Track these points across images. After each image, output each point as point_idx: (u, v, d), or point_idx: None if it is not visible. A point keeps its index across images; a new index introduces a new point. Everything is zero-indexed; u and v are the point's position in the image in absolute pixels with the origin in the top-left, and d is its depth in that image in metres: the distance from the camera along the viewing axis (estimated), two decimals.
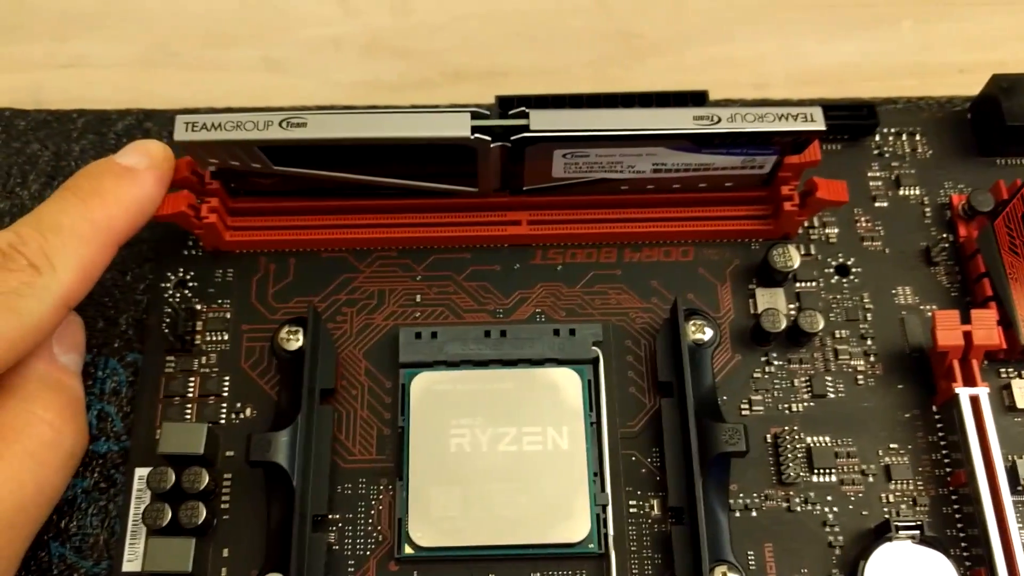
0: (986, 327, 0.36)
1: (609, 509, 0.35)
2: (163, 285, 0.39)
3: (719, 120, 0.35)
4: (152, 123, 0.42)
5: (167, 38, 0.45)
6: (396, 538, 0.35)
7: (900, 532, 0.34)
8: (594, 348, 0.37)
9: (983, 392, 0.35)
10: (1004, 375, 0.38)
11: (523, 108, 0.35)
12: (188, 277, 0.39)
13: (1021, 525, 0.35)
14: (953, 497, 0.36)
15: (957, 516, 0.35)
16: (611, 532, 0.35)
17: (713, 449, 0.34)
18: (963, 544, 0.35)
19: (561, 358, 0.37)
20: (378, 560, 0.35)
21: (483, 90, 0.43)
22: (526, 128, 0.35)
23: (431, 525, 0.35)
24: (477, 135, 0.35)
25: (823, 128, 0.35)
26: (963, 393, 0.35)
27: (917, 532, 0.34)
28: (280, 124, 0.34)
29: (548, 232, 0.39)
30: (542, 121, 0.35)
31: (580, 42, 0.39)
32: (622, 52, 0.37)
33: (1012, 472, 0.35)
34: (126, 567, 0.35)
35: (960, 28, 0.46)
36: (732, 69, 0.45)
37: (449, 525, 0.35)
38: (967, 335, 0.36)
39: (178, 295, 0.39)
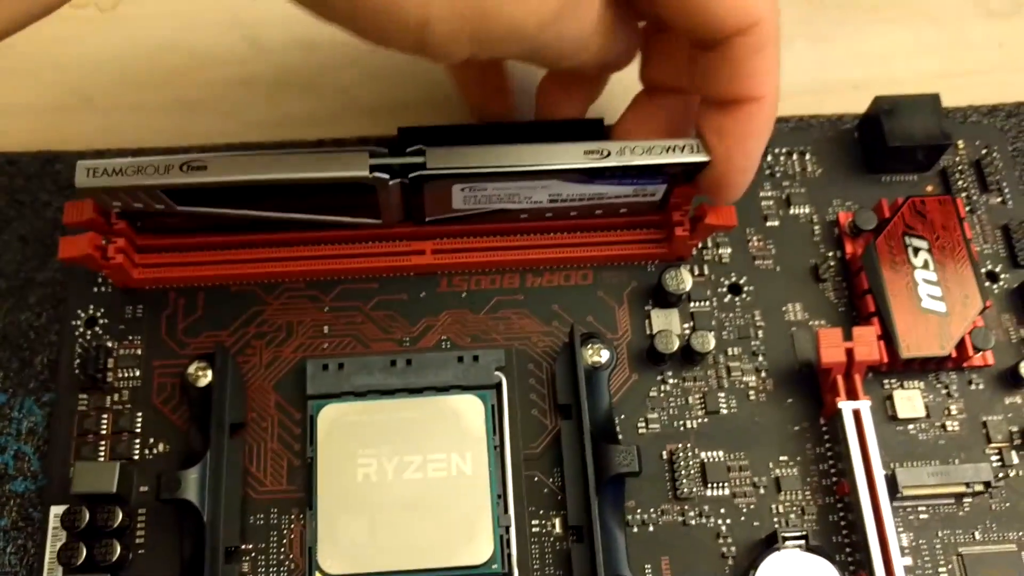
0: (867, 344, 0.37)
1: (512, 530, 0.36)
2: (74, 323, 0.40)
3: (609, 154, 0.36)
4: (61, 164, 0.43)
5: (80, 83, 0.45)
6: (307, 566, 0.36)
7: (787, 541, 0.36)
8: (497, 373, 0.39)
9: (864, 405, 0.37)
10: (887, 386, 0.40)
11: (420, 146, 0.36)
12: (98, 315, 0.40)
13: (902, 529, 0.37)
14: (839, 505, 0.38)
15: (842, 523, 0.37)
16: (514, 552, 0.36)
17: (608, 470, 0.36)
18: (848, 549, 0.37)
19: (465, 384, 0.38)
20: None
21: (390, 122, 0.44)
22: (423, 166, 0.36)
23: (340, 553, 0.36)
24: (375, 174, 0.36)
25: (708, 159, 0.36)
26: (846, 407, 0.37)
27: (803, 540, 0.36)
28: (180, 168, 0.35)
29: (452, 260, 0.41)
30: (438, 159, 0.36)
31: None
32: (526, 80, 0.39)
33: (891, 480, 0.37)
34: None
35: (852, 46, 0.48)
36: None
37: (358, 552, 0.36)
38: (849, 352, 0.37)
39: (89, 333, 0.40)
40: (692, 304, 0.41)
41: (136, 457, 0.38)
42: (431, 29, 0.30)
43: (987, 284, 0.41)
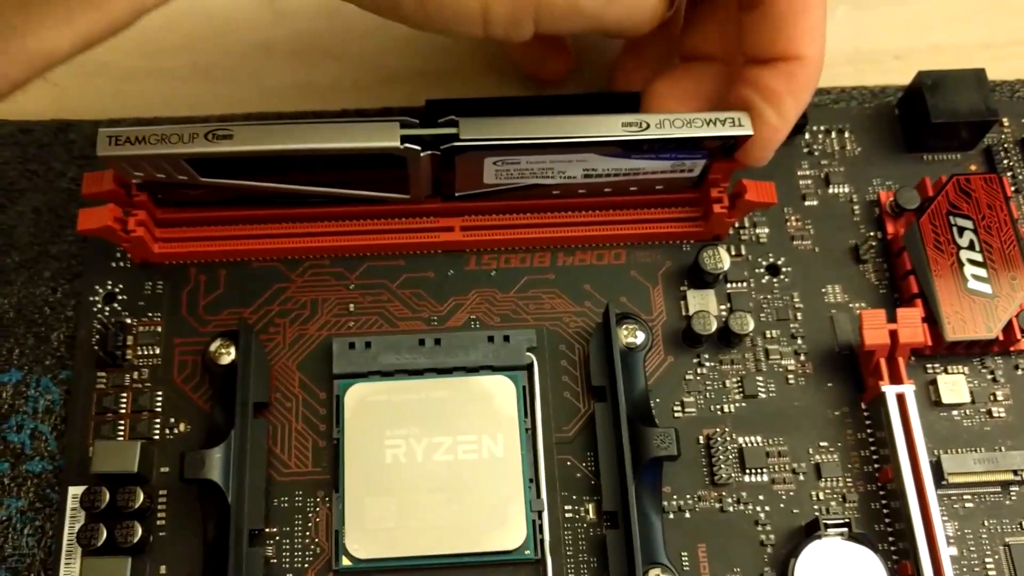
0: (911, 325, 0.36)
1: (545, 515, 0.35)
2: (92, 299, 0.38)
3: (647, 126, 0.35)
4: (74, 134, 0.42)
5: (94, 49, 0.44)
6: (334, 550, 0.35)
7: (829, 529, 0.35)
8: (528, 354, 0.38)
9: (909, 389, 0.36)
10: (931, 371, 0.38)
11: (452, 116, 0.35)
12: (117, 290, 0.39)
13: (947, 518, 0.36)
14: (881, 493, 0.36)
15: (885, 511, 0.36)
16: (547, 538, 0.35)
17: (645, 453, 0.35)
18: (890, 538, 0.36)
19: (496, 365, 0.37)
20: (316, 572, 0.35)
21: (414, 92, 0.43)
22: (456, 137, 0.35)
23: (368, 536, 0.35)
24: (407, 145, 0.34)
25: (751, 133, 0.35)
26: (889, 391, 0.36)
27: (845, 529, 0.35)
28: (205, 136, 0.34)
29: (481, 238, 0.39)
30: (472, 130, 0.35)
31: None
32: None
33: (936, 467, 0.36)
34: None
35: (894, 14, 0.47)
36: None
37: (386, 536, 0.35)
38: (893, 334, 0.36)
39: (108, 309, 0.38)
40: (729, 285, 0.39)
41: (156, 437, 0.37)
42: (491, 16, 0.32)
43: None
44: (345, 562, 0.35)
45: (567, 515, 0.36)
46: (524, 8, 0.32)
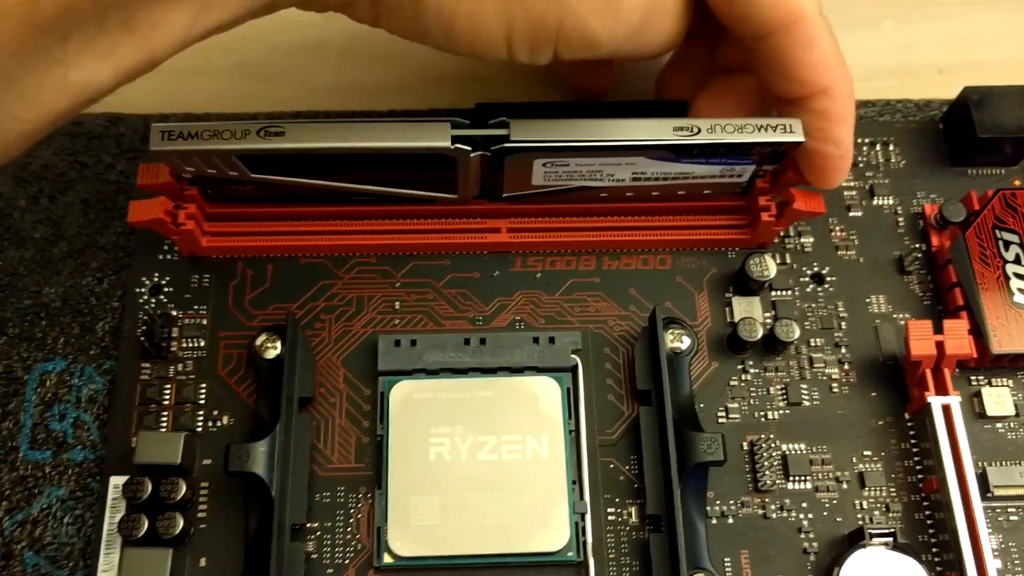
0: (958, 337, 0.36)
1: (588, 517, 0.35)
2: (138, 291, 0.39)
3: (699, 131, 0.35)
4: (124, 127, 0.42)
5: None
6: (375, 547, 0.35)
7: (874, 538, 0.35)
8: (573, 356, 0.37)
9: (955, 401, 0.36)
10: (975, 383, 0.38)
11: (503, 118, 0.35)
12: (164, 283, 0.39)
13: (991, 531, 0.36)
14: (925, 503, 0.36)
15: (929, 522, 0.36)
16: (590, 540, 0.35)
17: (691, 458, 0.35)
18: (935, 549, 0.36)
19: (540, 366, 0.37)
20: (357, 569, 0.35)
21: (460, 95, 0.43)
22: (506, 138, 0.35)
23: (410, 534, 0.35)
24: (457, 145, 0.35)
25: (802, 139, 0.35)
26: (935, 402, 0.36)
27: (890, 538, 0.35)
28: (258, 133, 0.34)
29: (527, 240, 0.39)
30: (523, 131, 0.35)
31: None
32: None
33: (982, 479, 0.36)
34: None
35: (940, 28, 0.47)
36: None
37: (428, 534, 0.35)
38: (939, 345, 0.36)
39: (154, 301, 0.39)
40: (774, 293, 0.39)
41: (199, 429, 0.37)
42: (515, 45, 0.33)
43: None
44: (387, 559, 0.35)
45: (609, 517, 0.36)
46: (544, 38, 0.33)
